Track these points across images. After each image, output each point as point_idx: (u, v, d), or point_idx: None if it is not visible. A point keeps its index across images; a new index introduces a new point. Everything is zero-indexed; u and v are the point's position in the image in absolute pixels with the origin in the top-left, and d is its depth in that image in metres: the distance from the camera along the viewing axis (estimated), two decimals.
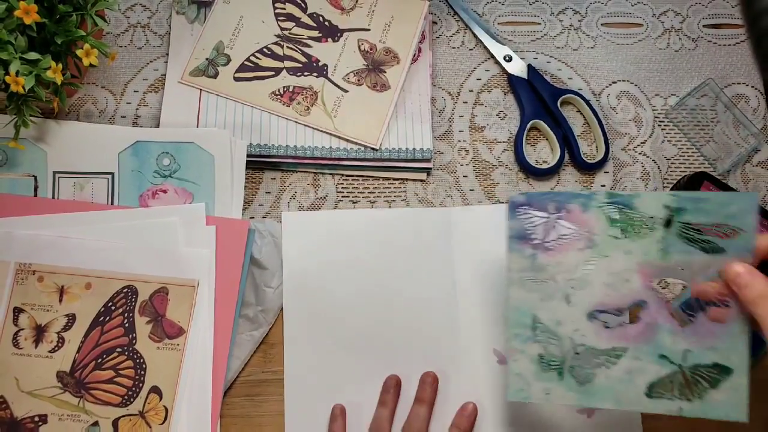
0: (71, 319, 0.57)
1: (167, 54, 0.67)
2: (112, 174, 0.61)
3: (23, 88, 0.52)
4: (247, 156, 0.63)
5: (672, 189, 0.66)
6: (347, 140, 0.64)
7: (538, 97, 0.68)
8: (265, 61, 0.66)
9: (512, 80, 0.68)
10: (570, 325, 0.53)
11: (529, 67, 0.69)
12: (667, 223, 0.51)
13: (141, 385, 0.57)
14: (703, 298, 0.50)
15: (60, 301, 0.58)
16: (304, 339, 0.60)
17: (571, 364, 0.53)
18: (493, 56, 0.70)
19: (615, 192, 0.53)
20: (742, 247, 0.50)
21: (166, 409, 0.57)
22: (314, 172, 0.65)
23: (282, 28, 0.68)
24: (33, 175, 0.61)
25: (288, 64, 0.66)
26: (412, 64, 0.68)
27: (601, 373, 0.52)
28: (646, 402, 0.52)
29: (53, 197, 0.61)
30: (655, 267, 0.52)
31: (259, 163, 0.64)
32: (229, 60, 0.66)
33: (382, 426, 0.58)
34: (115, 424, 0.56)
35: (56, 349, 0.57)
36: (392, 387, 0.59)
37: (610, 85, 0.70)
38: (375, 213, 0.64)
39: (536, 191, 0.59)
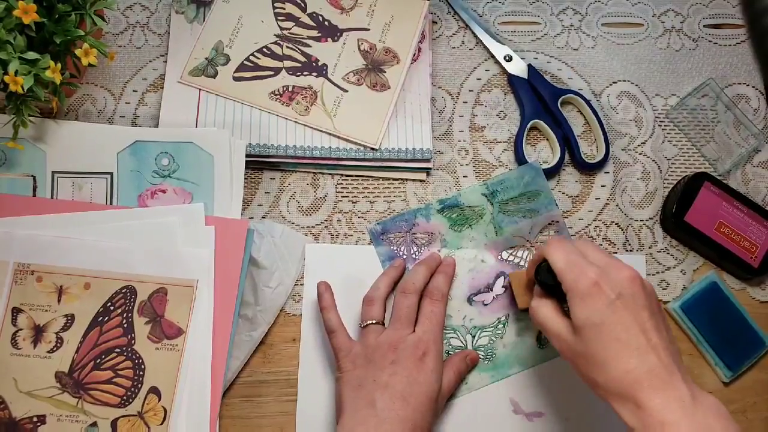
0: (70, 319, 0.57)
1: (166, 54, 0.66)
2: (111, 174, 0.61)
3: (22, 87, 0.52)
4: (247, 156, 0.62)
5: (671, 190, 0.66)
6: (347, 140, 0.64)
7: (538, 97, 0.68)
8: (265, 61, 0.66)
9: (512, 80, 0.68)
10: (457, 315, 0.62)
11: (530, 66, 0.68)
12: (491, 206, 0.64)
13: (140, 385, 0.57)
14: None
15: (59, 301, 0.58)
16: (320, 368, 0.60)
17: (473, 347, 0.61)
18: (493, 56, 0.70)
19: (443, 198, 0.64)
20: (546, 203, 0.65)
21: (165, 410, 0.56)
22: (314, 172, 0.65)
23: (281, 28, 0.68)
24: (32, 175, 0.61)
25: (287, 63, 0.66)
26: (412, 63, 0.67)
27: (499, 345, 0.61)
28: (542, 353, 0.62)
29: (52, 197, 0.60)
30: (497, 243, 0.64)
31: (259, 163, 0.64)
32: (228, 60, 0.66)
33: (378, 287, 0.59)
34: (113, 424, 0.56)
35: (55, 349, 0.57)
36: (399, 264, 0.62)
37: (610, 85, 0.70)
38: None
39: (387, 218, 0.64)
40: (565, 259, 0.50)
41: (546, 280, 0.53)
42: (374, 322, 0.57)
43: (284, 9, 0.68)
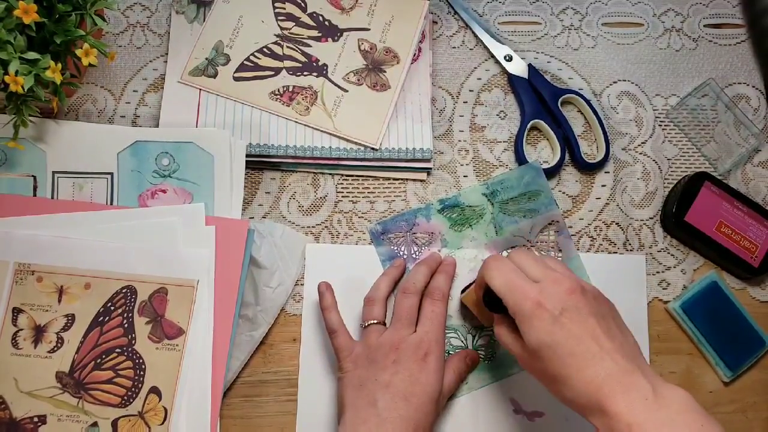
0: (70, 319, 0.57)
1: (166, 54, 0.66)
2: (112, 174, 0.61)
3: (22, 87, 0.52)
4: (247, 156, 0.62)
5: (672, 189, 0.66)
6: (347, 140, 0.64)
7: (538, 97, 0.68)
8: (265, 61, 0.66)
9: (512, 80, 0.68)
10: (458, 315, 0.62)
11: (530, 66, 0.68)
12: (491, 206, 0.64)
13: (140, 385, 0.57)
14: None
15: (59, 301, 0.58)
16: (320, 368, 0.60)
17: (473, 347, 0.61)
18: (493, 56, 0.70)
19: (443, 198, 0.64)
20: (546, 203, 0.64)
21: (166, 410, 0.56)
22: (314, 172, 0.65)
23: (282, 28, 0.68)
24: (32, 175, 0.61)
25: (288, 63, 0.66)
26: (412, 63, 0.67)
27: (498, 345, 0.61)
28: None
29: (52, 197, 0.60)
30: (498, 242, 0.64)
31: (259, 163, 0.64)
32: (228, 60, 0.66)
33: (378, 287, 0.59)
34: (114, 424, 0.56)
35: (55, 349, 0.57)
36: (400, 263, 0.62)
37: (610, 84, 0.70)
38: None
39: (387, 218, 0.64)
40: (504, 282, 0.50)
41: (493, 306, 0.53)
42: (375, 322, 0.57)
43: (284, 9, 0.68)
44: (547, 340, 0.47)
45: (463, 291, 0.61)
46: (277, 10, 0.68)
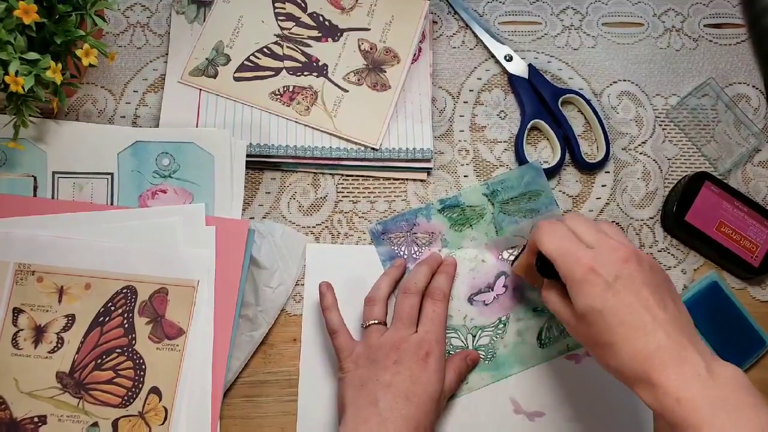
0: (71, 319, 0.57)
1: (167, 54, 0.66)
2: (112, 174, 0.61)
3: (23, 88, 0.52)
4: (247, 156, 0.62)
5: (672, 189, 0.66)
6: (347, 140, 0.64)
7: (538, 97, 0.68)
8: (265, 61, 0.66)
9: (513, 80, 0.68)
10: (458, 315, 0.61)
11: (530, 66, 0.68)
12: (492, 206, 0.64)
13: (140, 385, 0.57)
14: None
15: (59, 301, 0.58)
16: (320, 368, 0.60)
17: (473, 347, 0.61)
18: (493, 56, 0.70)
19: (443, 198, 0.64)
20: (547, 203, 0.65)
21: (166, 410, 0.56)
22: (314, 172, 0.65)
23: (282, 28, 0.68)
24: (32, 176, 0.61)
25: (288, 63, 0.66)
26: (412, 63, 0.67)
27: (499, 344, 0.61)
28: (542, 352, 0.61)
29: (53, 197, 0.60)
30: (498, 242, 0.64)
31: (259, 163, 0.64)
32: (228, 60, 0.66)
33: (379, 287, 0.59)
34: (114, 424, 0.56)
35: (56, 349, 0.57)
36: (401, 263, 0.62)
37: (610, 84, 0.70)
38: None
39: (388, 218, 0.64)
40: (557, 248, 0.49)
41: (545, 271, 0.52)
42: (376, 322, 0.57)
43: (284, 9, 0.68)
44: (597, 305, 0.46)
45: (512, 262, 0.61)
46: (277, 10, 0.68)
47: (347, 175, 0.65)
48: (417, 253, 0.63)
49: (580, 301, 0.47)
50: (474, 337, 0.61)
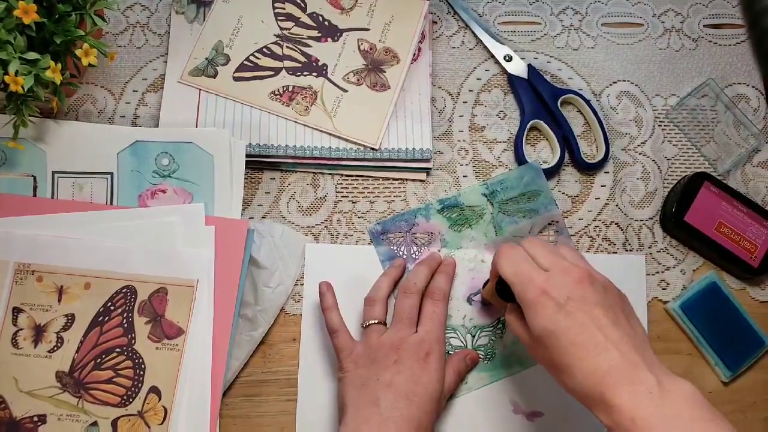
0: (70, 319, 0.57)
1: (166, 54, 0.67)
2: (111, 174, 0.61)
3: (22, 87, 0.52)
4: (247, 156, 0.62)
5: (671, 189, 0.66)
6: (347, 140, 0.64)
7: (538, 97, 0.68)
8: (265, 61, 0.66)
9: (512, 80, 0.68)
10: (457, 315, 0.62)
11: (530, 66, 0.68)
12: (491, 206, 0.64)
13: (140, 385, 0.57)
14: None
15: (59, 301, 0.58)
16: (320, 368, 0.60)
17: (473, 347, 0.61)
18: (493, 56, 0.70)
19: (443, 198, 0.64)
20: (546, 203, 0.65)
21: (165, 410, 0.57)
22: (314, 172, 0.65)
23: (281, 28, 0.68)
24: (32, 175, 0.61)
25: (287, 63, 0.66)
26: (411, 63, 0.67)
27: (498, 344, 0.61)
28: None
29: (52, 197, 0.60)
30: (497, 243, 0.63)
31: (259, 163, 0.64)
32: (228, 60, 0.66)
33: (379, 287, 0.59)
34: (114, 424, 0.56)
35: (55, 349, 0.57)
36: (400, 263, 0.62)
37: (610, 85, 0.70)
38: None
39: (387, 218, 0.64)
40: (514, 271, 0.50)
41: (504, 295, 0.53)
42: (376, 322, 0.58)
43: (284, 9, 0.68)
44: (550, 327, 0.46)
45: (484, 285, 0.61)
46: (276, 10, 0.68)
47: (347, 175, 0.65)
48: (416, 253, 0.63)
49: (535, 323, 0.47)
50: (473, 337, 0.61)
